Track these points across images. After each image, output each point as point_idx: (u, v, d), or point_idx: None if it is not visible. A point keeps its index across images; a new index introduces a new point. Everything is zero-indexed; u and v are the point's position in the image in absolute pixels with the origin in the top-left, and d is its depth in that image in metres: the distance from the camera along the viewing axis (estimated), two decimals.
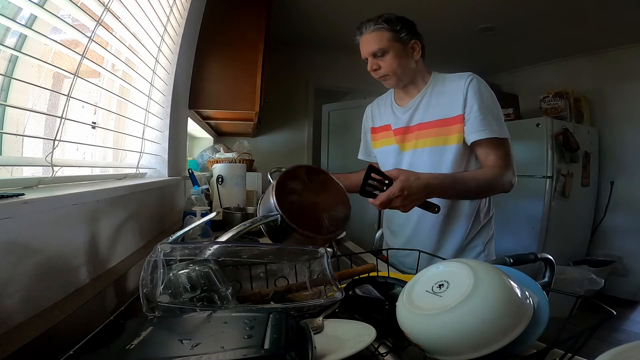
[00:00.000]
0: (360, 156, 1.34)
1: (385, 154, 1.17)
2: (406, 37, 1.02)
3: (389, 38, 1.00)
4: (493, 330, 0.40)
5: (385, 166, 1.18)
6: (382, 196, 0.77)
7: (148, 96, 1.18)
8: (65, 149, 0.99)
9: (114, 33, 0.96)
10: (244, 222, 0.93)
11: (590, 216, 3.14)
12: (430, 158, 1.03)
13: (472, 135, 0.96)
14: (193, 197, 1.32)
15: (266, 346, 0.34)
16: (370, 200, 0.78)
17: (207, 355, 0.34)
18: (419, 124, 1.05)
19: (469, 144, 0.98)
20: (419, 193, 0.79)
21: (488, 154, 0.97)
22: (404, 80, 1.07)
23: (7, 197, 0.46)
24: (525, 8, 2.46)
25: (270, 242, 0.82)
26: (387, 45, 1.01)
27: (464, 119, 0.97)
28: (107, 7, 0.81)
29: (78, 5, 0.74)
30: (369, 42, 1.02)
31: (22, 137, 0.83)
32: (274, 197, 0.76)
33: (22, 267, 0.48)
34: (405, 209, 0.80)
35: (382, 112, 1.19)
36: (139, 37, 1.07)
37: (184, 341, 0.37)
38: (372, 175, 0.78)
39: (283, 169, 0.84)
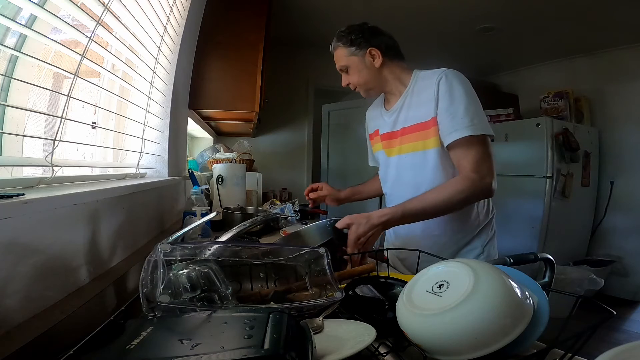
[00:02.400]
0: (370, 163, 1.34)
1: (378, 160, 1.19)
2: (358, 50, 1.02)
3: (346, 54, 1.04)
4: (493, 330, 0.40)
5: (381, 171, 1.19)
6: (349, 250, 0.83)
7: (148, 96, 1.18)
8: (65, 149, 0.99)
9: (114, 33, 0.96)
10: (244, 222, 0.93)
11: (590, 216, 3.14)
12: (413, 163, 1.02)
13: (445, 139, 0.93)
14: (193, 197, 1.32)
15: (266, 346, 0.34)
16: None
17: (207, 355, 0.34)
18: (402, 129, 1.04)
19: (445, 148, 0.95)
20: (374, 234, 0.85)
21: (460, 159, 0.92)
22: (374, 89, 1.08)
23: (7, 197, 0.46)
24: (525, 8, 2.46)
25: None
26: (345, 61, 1.05)
27: (437, 121, 0.94)
28: (107, 7, 0.81)
29: (78, 5, 0.74)
30: (335, 60, 1.08)
31: (22, 137, 0.83)
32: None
33: (22, 267, 0.48)
34: (371, 245, 0.86)
35: (374, 117, 1.19)
36: (139, 37, 1.07)
37: (184, 341, 0.37)
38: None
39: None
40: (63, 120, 0.66)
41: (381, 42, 1.03)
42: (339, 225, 0.85)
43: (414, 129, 1.01)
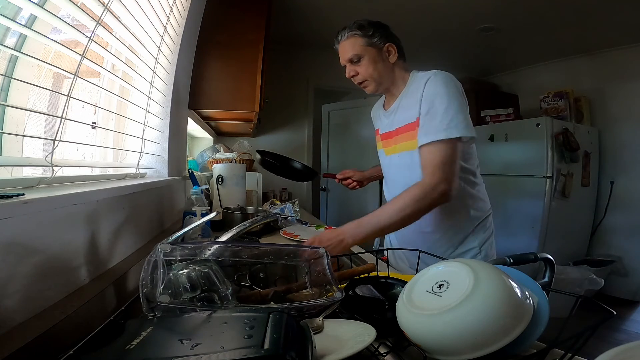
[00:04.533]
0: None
1: (380, 159, 1.20)
2: (379, 42, 1.01)
3: (363, 43, 1.01)
4: (493, 330, 0.40)
5: (382, 170, 1.22)
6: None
7: (148, 96, 1.18)
8: (65, 149, 0.99)
9: (114, 33, 0.96)
10: (244, 222, 0.93)
11: (590, 216, 3.14)
12: (404, 163, 1.04)
13: (418, 142, 0.94)
14: (193, 197, 1.32)
15: (266, 346, 0.34)
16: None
17: (207, 355, 0.34)
18: (397, 129, 1.06)
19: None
20: (329, 240, 0.87)
21: (423, 161, 0.93)
22: (383, 84, 1.06)
23: (7, 197, 0.46)
24: (525, 8, 2.46)
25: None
26: (361, 50, 1.01)
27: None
28: (107, 7, 0.81)
29: (78, 5, 0.74)
30: (345, 49, 1.04)
31: (22, 137, 0.83)
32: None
33: (22, 267, 0.48)
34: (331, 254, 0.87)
35: (376, 117, 1.21)
36: (139, 37, 1.07)
37: (184, 341, 0.37)
38: None
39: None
40: (63, 120, 0.66)
41: (397, 40, 1.05)
42: (305, 244, 0.89)
43: (405, 129, 1.02)
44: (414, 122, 0.98)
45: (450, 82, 0.93)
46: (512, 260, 0.65)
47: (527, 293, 0.45)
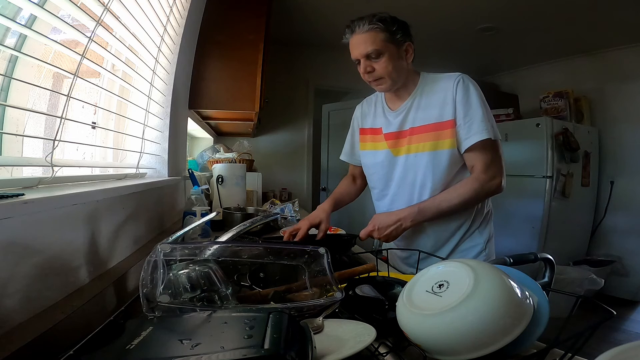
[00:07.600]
0: (343, 157, 1.30)
1: (375, 158, 1.13)
2: (401, 39, 0.98)
3: (384, 39, 0.95)
4: (493, 330, 0.40)
5: (375, 170, 1.14)
6: (361, 233, 0.99)
7: (148, 96, 1.18)
8: (65, 149, 0.99)
9: (114, 33, 0.96)
10: (244, 222, 0.93)
11: (590, 216, 3.14)
12: (422, 163, 1.01)
13: (464, 143, 0.96)
14: (193, 197, 1.32)
15: (266, 346, 0.34)
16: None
17: (207, 355, 0.34)
18: (412, 129, 1.03)
19: (462, 152, 0.98)
20: (390, 226, 0.96)
21: (473, 161, 0.98)
22: (398, 83, 1.03)
23: (7, 197, 0.46)
24: (525, 8, 2.46)
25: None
26: (382, 46, 0.96)
27: (455, 124, 0.96)
28: (107, 7, 0.81)
29: (78, 5, 0.74)
30: (363, 42, 0.97)
31: (22, 137, 0.83)
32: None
33: (22, 267, 0.48)
34: (387, 239, 0.97)
35: (373, 113, 1.16)
36: (139, 37, 1.07)
37: (184, 341, 0.37)
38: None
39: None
40: (63, 120, 0.66)
41: (413, 40, 1.02)
42: (365, 230, 0.99)
43: (425, 129, 1.00)
44: (443, 122, 0.98)
45: (478, 87, 0.98)
46: (512, 260, 0.65)
47: (527, 293, 0.45)
